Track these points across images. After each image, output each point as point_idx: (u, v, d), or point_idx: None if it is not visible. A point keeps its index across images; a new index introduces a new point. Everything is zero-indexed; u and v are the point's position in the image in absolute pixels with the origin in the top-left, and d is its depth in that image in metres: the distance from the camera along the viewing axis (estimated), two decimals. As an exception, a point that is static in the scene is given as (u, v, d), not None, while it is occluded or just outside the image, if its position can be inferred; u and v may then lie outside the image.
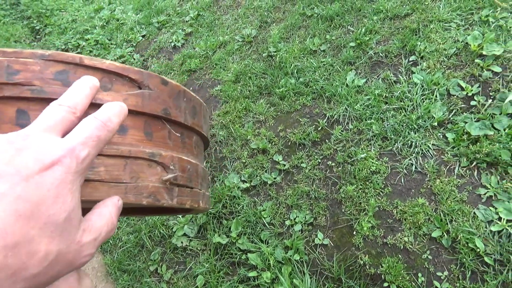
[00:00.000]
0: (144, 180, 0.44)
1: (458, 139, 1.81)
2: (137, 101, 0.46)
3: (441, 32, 2.23)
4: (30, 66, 0.41)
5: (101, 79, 0.44)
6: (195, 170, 0.53)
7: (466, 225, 1.59)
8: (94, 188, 0.40)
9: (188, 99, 0.54)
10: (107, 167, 0.42)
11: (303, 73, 2.48)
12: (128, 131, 0.46)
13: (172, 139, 0.51)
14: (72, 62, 0.43)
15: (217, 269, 2.00)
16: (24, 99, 0.41)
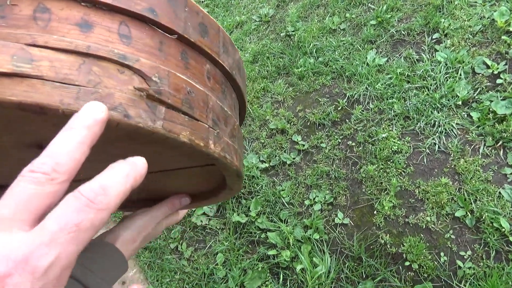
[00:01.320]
0: (109, 88, 0.33)
1: (483, 118, 1.77)
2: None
3: (466, 8, 2.16)
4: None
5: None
6: (203, 100, 0.41)
7: (491, 205, 1.57)
8: (31, 86, 0.31)
9: (192, 11, 0.42)
10: (53, 62, 0.32)
11: (322, 53, 2.45)
12: (94, 28, 0.35)
13: (165, 51, 0.39)
14: None
15: (236, 247, 2.02)
16: None
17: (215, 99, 0.43)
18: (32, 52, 0.31)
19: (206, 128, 0.40)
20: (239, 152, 0.48)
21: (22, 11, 0.33)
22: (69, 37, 0.33)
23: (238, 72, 0.51)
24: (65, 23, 0.34)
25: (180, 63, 0.40)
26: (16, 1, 0.33)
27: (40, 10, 0.33)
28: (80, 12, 0.35)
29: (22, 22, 0.33)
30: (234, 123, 0.48)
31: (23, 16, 0.33)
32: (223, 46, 0.46)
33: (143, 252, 2.19)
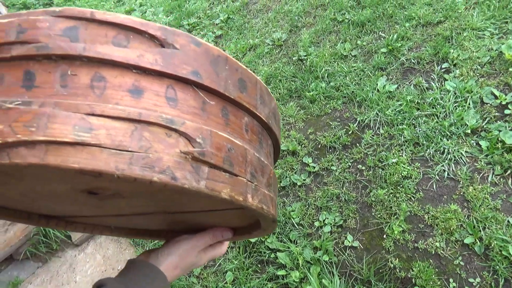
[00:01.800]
0: (159, 152, 0.37)
1: (492, 147, 1.82)
2: (156, 59, 0.39)
3: (474, 40, 2.24)
4: (39, 23, 0.38)
5: (115, 35, 0.39)
6: (242, 154, 0.44)
7: (499, 233, 1.60)
8: (90, 154, 0.34)
9: (232, 69, 0.45)
10: (109, 130, 0.36)
11: (333, 78, 2.52)
12: (144, 93, 0.38)
13: (207, 111, 0.42)
14: (83, 17, 0.39)
15: (246, 266, 2.04)
16: (31, 58, 0.38)
17: (252, 151, 0.47)
18: (91, 121, 0.35)
19: (244, 182, 0.44)
20: (274, 199, 0.51)
21: (81, 80, 0.37)
22: (122, 104, 0.37)
23: (274, 120, 0.54)
24: (119, 90, 0.38)
25: (221, 120, 0.43)
26: (76, 71, 0.37)
27: (96, 79, 0.38)
28: (132, 78, 0.39)
29: (80, 91, 0.37)
30: (270, 172, 0.51)
31: (82, 85, 0.37)
32: (260, 98, 0.49)
33: (152, 268, 2.22)
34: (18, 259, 2.58)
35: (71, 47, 0.37)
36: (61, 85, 0.37)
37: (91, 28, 0.39)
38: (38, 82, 0.37)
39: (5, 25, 0.39)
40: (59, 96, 0.37)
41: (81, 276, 2.41)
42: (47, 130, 0.34)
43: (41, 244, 2.56)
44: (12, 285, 2.50)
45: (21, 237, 2.54)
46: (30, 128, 0.34)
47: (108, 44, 0.38)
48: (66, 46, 0.37)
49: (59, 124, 0.35)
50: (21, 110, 0.35)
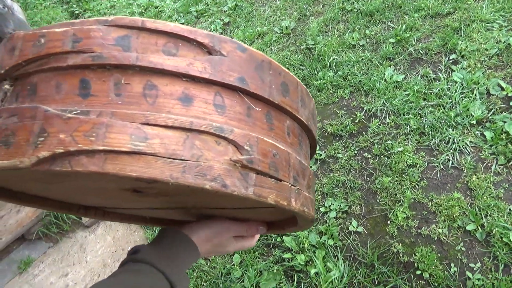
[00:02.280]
0: (209, 160, 0.38)
1: (497, 138, 1.86)
2: (205, 67, 0.40)
3: (483, 32, 2.26)
4: (93, 33, 0.40)
5: (165, 43, 0.41)
6: (285, 159, 0.45)
7: (501, 220, 1.65)
8: (146, 163, 0.36)
9: (275, 72, 0.46)
10: (163, 139, 0.37)
11: (341, 67, 2.55)
12: (194, 101, 0.40)
13: (253, 116, 0.43)
14: (134, 26, 0.40)
15: (252, 249, 2.11)
16: (86, 67, 0.40)
17: (294, 155, 0.48)
18: (146, 130, 0.37)
19: (288, 187, 0.45)
20: (313, 200, 0.53)
21: (134, 89, 0.39)
22: (174, 112, 0.39)
23: (313, 120, 0.55)
24: (170, 99, 0.40)
25: (265, 126, 0.44)
26: (129, 80, 0.39)
27: (148, 88, 0.40)
28: (182, 86, 0.40)
29: (134, 99, 0.39)
30: (310, 174, 0.52)
31: (135, 93, 0.39)
32: (301, 100, 0.50)
33: (162, 249, 2.29)
34: (30, 239, 2.65)
35: (125, 56, 0.39)
36: (115, 93, 0.39)
37: (142, 37, 0.40)
38: (94, 91, 0.39)
39: (61, 35, 0.41)
40: (113, 105, 0.39)
41: (92, 256, 2.48)
42: (105, 140, 0.36)
43: (52, 225, 2.63)
44: (24, 263, 2.57)
45: (33, 217, 2.60)
46: (90, 137, 0.36)
47: (159, 53, 0.40)
48: (119, 56, 0.39)
49: (116, 133, 0.37)
50: (80, 120, 0.37)
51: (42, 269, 2.53)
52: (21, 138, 0.38)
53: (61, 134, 0.37)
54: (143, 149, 0.36)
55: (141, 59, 0.39)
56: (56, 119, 0.38)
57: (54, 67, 0.41)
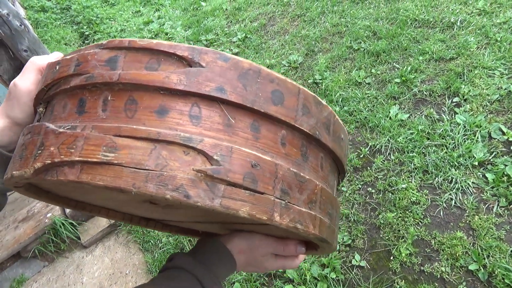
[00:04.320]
0: (174, 170, 0.39)
1: (498, 180, 1.92)
2: (180, 79, 0.41)
3: (484, 78, 2.36)
4: (90, 56, 0.44)
5: (148, 60, 0.43)
6: (270, 170, 0.43)
7: (503, 262, 1.68)
8: (114, 172, 0.38)
9: (266, 80, 0.44)
10: (131, 150, 0.39)
11: (347, 102, 2.63)
12: (169, 113, 0.41)
13: (234, 126, 0.43)
14: (122, 46, 0.44)
15: (253, 279, 2.10)
16: (84, 87, 0.44)
17: (287, 166, 0.45)
18: (117, 142, 0.40)
19: (271, 200, 0.42)
20: (320, 218, 0.48)
21: (117, 104, 0.43)
22: (148, 124, 0.41)
23: (326, 130, 0.50)
24: (147, 111, 0.42)
25: (249, 135, 0.43)
26: (115, 96, 0.43)
27: (129, 102, 0.43)
28: (159, 99, 0.42)
29: (116, 114, 0.42)
30: (314, 187, 0.47)
31: (117, 108, 0.43)
32: (303, 109, 0.47)
33: (161, 273, 2.27)
34: (25, 256, 2.61)
35: (110, 75, 0.42)
36: (102, 109, 0.43)
37: (129, 56, 0.43)
38: (87, 108, 0.43)
39: (68, 61, 0.46)
40: (99, 120, 0.42)
41: (88, 277, 2.44)
42: (82, 151, 0.40)
43: (49, 243, 2.60)
44: (17, 282, 2.53)
45: (31, 235, 2.58)
46: (70, 149, 0.40)
47: (141, 69, 0.43)
48: (106, 74, 0.42)
49: (91, 145, 0.40)
50: (67, 134, 0.41)
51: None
52: (29, 151, 0.44)
53: (52, 147, 0.41)
54: (111, 159, 0.39)
55: (123, 76, 0.42)
56: (51, 134, 0.43)
57: (63, 89, 0.46)
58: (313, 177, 0.48)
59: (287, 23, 3.67)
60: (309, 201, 0.46)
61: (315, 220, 0.47)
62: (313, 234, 0.46)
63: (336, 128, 0.52)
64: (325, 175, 0.52)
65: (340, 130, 0.54)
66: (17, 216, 2.71)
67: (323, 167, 0.52)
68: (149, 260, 2.36)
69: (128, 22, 5.16)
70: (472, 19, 2.73)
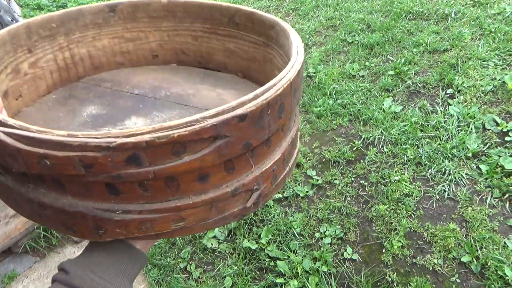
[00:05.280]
0: (230, 210, 0.49)
1: (492, 171, 1.89)
2: (214, 156, 0.43)
3: (479, 69, 2.33)
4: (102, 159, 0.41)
5: (173, 148, 0.40)
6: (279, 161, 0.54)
7: (496, 253, 1.65)
8: (183, 231, 0.48)
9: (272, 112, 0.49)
10: (195, 214, 0.47)
11: (341, 95, 2.60)
12: (209, 177, 0.46)
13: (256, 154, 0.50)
14: (140, 146, 0.40)
15: (245, 273, 2.07)
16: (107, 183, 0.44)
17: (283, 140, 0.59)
18: (182, 214, 0.47)
19: (282, 177, 0.59)
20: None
21: (157, 184, 0.45)
22: (197, 191, 0.48)
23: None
24: (189, 181, 0.46)
25: (264, 150, 0.52)
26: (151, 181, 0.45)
27: (169, 181, 0.46)
28: (197, 172, 0.46)
29: (158, 193, 0.46)
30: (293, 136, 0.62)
31: (158, 187, 0.45)
32: None
33: (152, 268, 2.24)
34: (16, 252, 2.59)
35: (145, 173, 0.43)
36: (142, 189, 0.45)
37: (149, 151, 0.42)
38: (122, 190, 0.45)
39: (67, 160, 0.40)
40: (144, 198, 0.47)
41: (79, 272, 2.42)
42: (155, 228, 0.47)
43: (41, 238, 2.57)
44: (8, 278, 2.51)
45: (22, 230, 2.56)
46: (141, 229, 0.47)
47: (170, 157, 0.44)
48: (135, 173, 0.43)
49: (159, 224, 0.47)
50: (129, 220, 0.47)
51: (26, 285, 2.46)
52: None
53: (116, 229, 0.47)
54: (183, 226, 0.48)
55: (159, 172, 0.43)
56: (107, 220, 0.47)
57: None
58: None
59: (282, 17, 3.64)
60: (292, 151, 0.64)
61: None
62: None
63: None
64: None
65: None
66: (8, 211, 2.68)
67: None
68: (140, 254, 2.33)
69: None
70: (466, 11, 2.70)
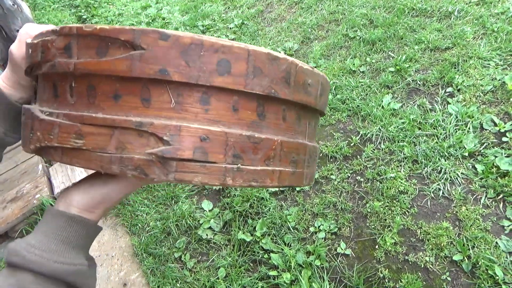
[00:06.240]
0: (131, 152, 0.43)
1: (487, 171, 1.89)
2: (126, 65, 0.42)
3: (479, 68, 2.32)
4: (50, 44, 0.48)
5: (98, 45, 0.43)
6: (220, 141, 0.45)
7: (487, 253, 1.66)
8: (85, 156, 0.44)
9: (209, 52, 0.43)
10: (95, 136, 0.44)
11: (340, 91, 2.60)
12: (122, 97, 0.44)
13: (181, 103, 0.44)
14: (72, 33, 0.45)
15: (238, 264, 2.09)
16: (54, 74, 0.49)
17: (239, 132, 0.46)
18: (83, 129, 0.45)
19: (222, 168, 0.45)
20: (280, 170, 0.51)
21: (79, 89, 0.47)
22: (107, 109, 0.44)
23: (285, 84, 0.49)
24: (104, 97, 0.45)
25: (198, 109, 0.45)
26: (76, 83, 0.47)
27: (89, 88, 0.46)
28: (113, 86, 0.44)
29: (80, 99, 0.47)
30: (271, 144, 0.49)
31: (81, 95, 0.47)
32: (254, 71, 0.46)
33: (147, 257, 2.26)
34: (13, 236, 2.61)
35: (67, 64, 0.45)
36: (70, 94, 0.47)
37: (81, 41, 0.45)
38: (59, 93, 0.48)
39: (35, 47, 0.50)
40: (69, 106, 0.47)
41: (75, 259, 2.44)
42: (58, 138, 0.46)
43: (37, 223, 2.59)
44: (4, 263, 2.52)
45: (19, 215, 2.57)
46: (50, 136, 0.47)
47: (94, 55, 0.44)
48: (64, 64, 0.46)
49: (64, 133, 0.46)
50: (46, 121, 0.47)
51: (23, 269, 2.48)
52: (26, 132, 0.53)
53: (38, 132, 0.49)
54: (81, 145, 0.44)
55: (78, 66, 0.45)
56: (36, 120, 0.50)
57: (41, 73, 0.51)
58: (271, 133, 0.50)
59: (285, 10, 3.62)
60: (266, 158, 0.49)
61: (273, 174, 0.50)
62: (271, 186, 0.50)
63: (299, 77, 0.51)
64: (290, 125, 0.53)
65: (305, 76, 0.52)
66: (5, 196, 2.70)
67: (285, 119, 0.52)
68: (136, 243, 2.35)
69: (126, 7, 5.10)
70: (469, 9, 2.68)
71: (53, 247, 0.48)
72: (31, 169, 2.83)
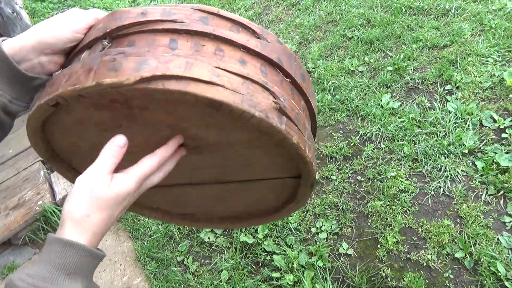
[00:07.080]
0: (258, 99, 0.52)
1: (487, 168, 1.89)
2: (257, 44, 0.56)
3: (478, 65, 2.33)
4: (183, 11, 0.56)
5: (230, 27, 0.57)
6: (302, 122, 0.60)
7: (489, 249, 1.66)
8: (218, 90, 0.50)
9: (298, 64, 0.62)
10: (230, 78, 0.51)
11: (339, 91, 2.60)
12: (247, 63, 0.55)
13: (283, 86, 0.58)
14: (212, 12, 0.57)
15: (241, 267, 2.09)
16: (175, 31, 0.55)
17: (307, 124, 0.63)
18: (218, 71, 0.51)
19: (305, 138, 0.60)
20: (314, 156, 0.66)
21: (208, 49, 0.55)
22: (236, 66, 0.54)
23: (316, 110, 0.71)
24: (232, 59, 0.55)
25: (291, 96, 0.59)
26: (205, 43, 0.55)
27: (218, 50, 0.55)
28: (240, 53, 0.56)
29: (208, 55, 0.54)
30: (315, 145, 0.67)
31: (208, 52, 0.55)
32: (311, 91, 0.67)
33: (150, 261, 2.26)
34: (16, 244, 2.62)
35: (204, 28, 0.55)
36: (195, 49, 0.54)
37: (216, 19, 0.57)
38: (179, 47, 0.53)
39: (157, 10, 0.57)
40: (194, 56, 0.53)
41: (78, 264, 2.44)
42: (190, 71, 0.50)
43: (40, 230, 2.60)
44: (7, 269, 2.53)
45: (21, 222, 2.58)
46: (179, 68, 0.50)
47: (227, 30, 0.56)
48: (200, 27, 0.55)
49: (199, 68, 0.50)
50: (172, 57, 0.51)
51: (26, 276, 2.49)
52: (127, 66, 0.51)
53: (160, 64, 0.50)
54: (216, 81, 0.50)
55: (215, 31, 0.55)
56: (156, 56, 0.51)
57: (151, 30, 0.55)
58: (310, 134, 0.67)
59: (282, 12, 3.63)
60: (315, 150, 0.66)
61: (315, 163, 0.66)
62: (315, 174, 0.65)
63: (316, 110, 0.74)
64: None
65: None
66: (8, 203, 2.71)
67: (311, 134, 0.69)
68: (138, 248, 2.35)
69: (124, 12, 5.11)
70: (467, 6, 2.69)
71: (47, 274, 0.47)
72: (32, 176, 2.83)
